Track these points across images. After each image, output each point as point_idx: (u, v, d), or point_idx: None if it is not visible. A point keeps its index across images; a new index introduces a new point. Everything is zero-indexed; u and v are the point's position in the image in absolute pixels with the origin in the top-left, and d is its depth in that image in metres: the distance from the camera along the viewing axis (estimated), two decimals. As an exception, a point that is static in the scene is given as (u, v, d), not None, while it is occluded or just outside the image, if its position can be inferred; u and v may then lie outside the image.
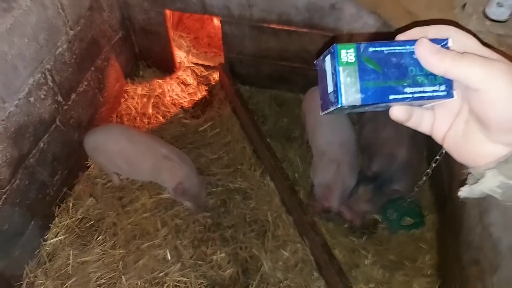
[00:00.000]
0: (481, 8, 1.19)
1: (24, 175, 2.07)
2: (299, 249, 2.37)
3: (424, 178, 1.94)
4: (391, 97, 0.48)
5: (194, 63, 3.43)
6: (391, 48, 0.48)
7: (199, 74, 3.37)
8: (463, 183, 0.49)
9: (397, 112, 0.50)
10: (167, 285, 2.17)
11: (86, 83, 2.55)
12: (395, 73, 0.48)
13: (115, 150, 2.31)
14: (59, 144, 2.33)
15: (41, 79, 2.11)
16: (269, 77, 3.17)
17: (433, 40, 0.47)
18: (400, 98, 0.48)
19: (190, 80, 3.32)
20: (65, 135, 2.38)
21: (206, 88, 3.29)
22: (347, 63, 0.47)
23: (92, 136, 2.36)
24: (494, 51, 0.45)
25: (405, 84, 0.48)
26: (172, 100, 3.17)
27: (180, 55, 3.42)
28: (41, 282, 2.14)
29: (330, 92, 0.49)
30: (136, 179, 2.58)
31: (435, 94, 0.49)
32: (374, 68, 0.48)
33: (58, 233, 2.34)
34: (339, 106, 0.47)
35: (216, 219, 2.50)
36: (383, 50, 0.48)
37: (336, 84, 0.48)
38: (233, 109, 3.07)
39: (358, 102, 0.47)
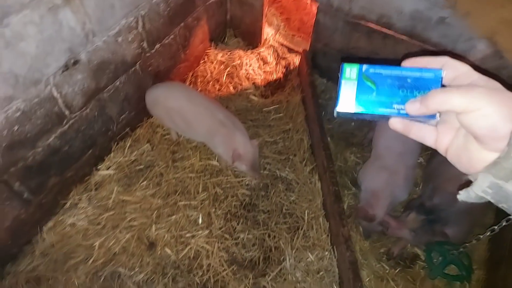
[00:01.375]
0: None
1: (95, 106, 2.22)
2: (326, 257, 2.29)
3: (488, 233, 1.73)
4: (380, 110, 0.58)
5: (279, 43, 3.38)
6: (389, 71, 0.59)
7: (280, 55, 3.33)
8: (462, 187, 0.54)
9: (393, 123, 0.60)
10: (190, 247, 2.24)
11: (172, 36, 2.63)
12: (387, 92, 0.58)
13: (174, 107, 2.37)
14: (133, 86, 2.46)
15: (133, 22, 2.21)
16: (349, 77, 3.02)
17: (428, 69, 0.57)
18: (388, 112, 0.58)
19: (270, 58, 3.29)
20: (141, 80, 2.50)
21: (283, 71, 3.24)
22: (349, 78, 0.60)
23: (155, 90, 2.44)
24: (488, 76, 0.53)
25: (393, 101, 0.58)
26: (247, 74, 3.17)
27: (268, 32, 3.40)
28: (83, 206, 2.32)
29: (335, 100, 0.60)
30: (190, 138, 2.65)
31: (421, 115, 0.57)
32: (371, 86, 0.59)
33: (109, 167, 2.51)
34: (336, 111, 0.60)
35: (254, 200, 2.50)
36: (382, 73, 0.59)
37: (338, 94, 0.60)
38: (303, 99, 2.99)
39: (351, 112, 0.59)
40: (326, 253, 2.31)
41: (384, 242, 2.39)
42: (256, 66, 3.23)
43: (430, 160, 2.51)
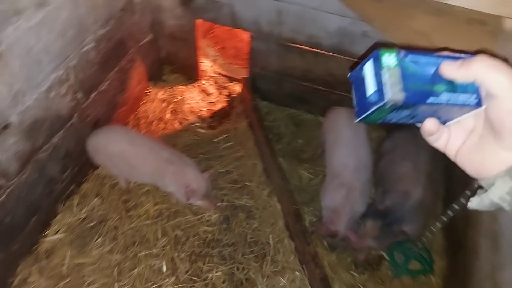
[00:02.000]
0: None
1: (33, 169, 2.08)
2: (297, 278, 2.28)
3: (439, 225, 1.84)
4: (429, 100, 0.52)
5: (218, 73, 3.42)
6: (427, 59, 0.53)
7: (221, 84, 3.37)
8: (473, 194, 0.51)
9: (430, 124, 0.54)
10: (159, 298, 2.13)
11: (108, 82, 2.57)
12: (431, 80, 0.52)
13: (116, 153, 2.31)
14: (73, 140, 2.35)
15: (63, 75, 2.13)
16: (290, 96, 3.13)
17: (465, 55, 0.52)
18: (437, 102, 0.52)
19: (212, 89, 3.31)
20: (80, 132, 2.39)
21: (226, 100, 3.27)
22: (389, 66, 0.51)
23: (94, 138, 2.36)
24: None
25: (441, 90, 0.52)
26: (191, 107, 3.16)
27: (205, 64, 3.43)
28: (34, 280, 2.13)
29: (371, 94, 0.52)
30: (139, 182, 2.57)
31: (467, 102, 0.52)
32: (414, 73, 0.52)
33: (58, 230, 2.34)
34: (385, 101, 0.50)
35: (217, 235, 2.46)
36: (420, 60, 0.52)
37: (379, 83, 0.51)
38: (250, 124, 3.03)
39: (401, 100, 0.50)
40: (297, 273, 2.31)
41: (350, 252, 2.44)
42: (199, 99, 3.23)
43: (377, 165, 2.63)
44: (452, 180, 2.57)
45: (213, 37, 3.73)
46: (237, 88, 3.33)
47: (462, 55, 0.53)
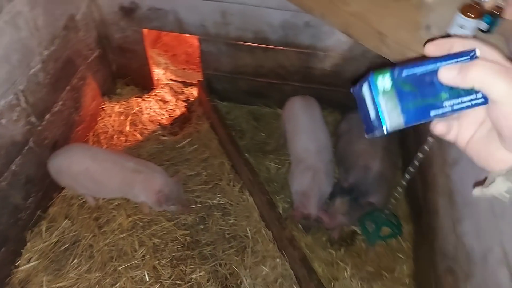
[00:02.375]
0: (445, 29, 1.26)
1: (-5, 199, 2.01)
2: (278, 264, 2.36)
3: (400, 189, 1.99)
4: (432, 113, 0.51)
5: (172, 80, 3.44)
6: (423, 68, 0.51)
7: (177, 91, 3.39)
8: (479, 183, 0.52)
9: (439, 129, 0.54)
10: (145, 307, 2.13)
11: (61, 102, 2.52)
12: (431, 91, 0.51)
13: (80, 171, 2.27)
14: (32, 165, 2.28)
15: (13, 100, 2.08)
16: (246, 93, 3.21)
17: (461, 53, 0.50)
18: (441, 112, 0.51)
19: (168, 97, 3.33)
20: (39, 156, 2.33)
21: (185, 105, 3.30)
22: (385, 90, 0.50)
23: (54, 159, 2.31)
24: None
25: (443, 99, 0.50)
26: (150, 117, 3.16)
27: (158, 73, 3.43)
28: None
29: (373, 119, 0.52)
30: (106, 197, 2.55)
31: (473, 102, 0.50)
32: (411, 90, 0.50)
33: (30, 258, 2.27)
34: (384, 130, 0.50)
35: (195, 236, 2.49)
36: (416, 72, 0.51)
37: (377, 111, 0.50)
38: (211, 125, 3.08)
39: (402, 125, 0.50)
40: (278, 260, 2.39)
41: (324, 231, 2.56)
42: (157, 107, 3.23)
43: (336, 146, 2.78)
44: (407, 151, 2.77)
45: (162, 46, 3.74)
46: (193, 92, 3.36)
47: (463, 52, 0.50)
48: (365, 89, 0.52)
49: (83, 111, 2.80)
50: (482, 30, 1.21)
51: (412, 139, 2.74)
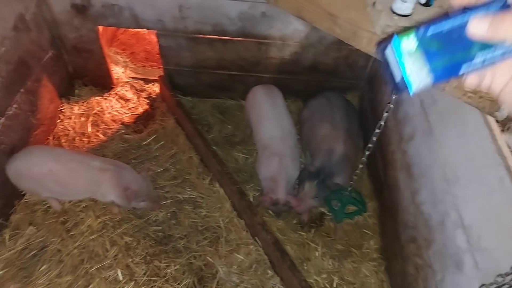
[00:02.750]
0: (389, 5, 1.34)
1: (-50, 209, 1.92)
2: (252, 251, 2.41)
3: (361, 166, 2.09)
4: (462, 70, 0.50)
5: (132, 78, 3.39)
6: (450, 24, 0.49)
7: (138, 88, 3.34)
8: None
9: (471, 80, 0.53)
10: (121, 306, 2.11)
11: (16, 106, 2.42)
12: (460, 47, 0.49)
13: (43, 173, 2.18)
14: (-11, 172, 2.19)
15: (-38, 105, 1.98)
16: (209, 86, 3.22)
17: (491, 2, 0.48)
18: (471, 69, 0.49)
19: (130, 95, 3.28)
20: (-4, 162, 2.24)
21: (147, 102, 3.26)
22: (410, 51, 0.49)
23: (14, 163, 2.21)
24: None
25: (472, 54, 0.49)
26: (112, 116, 3.10)
27: (117, 71, 3.37)
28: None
29: (399, 81, 0.51)
30: (73, 199, 2.48)
31: (506, 55, 0.49)
32: (438, 48, 0.49)
33: (-4, 267, 2.18)
34: (412, 91, 0.50)
35: (167, 231, 2.48)
36: (443, 29, 0.49)
37: (403, 73, 0.50)
38: (177, 121, 3.07)
39: (429, 84, 0.50)
40: (251, 246, 2.44)
41: (294, 215, 2.64)
42: (119, 106, 3.18)
43: (301, 130, 2.86)
44: (367, 131, 2.89)
45: (119, 44, 3.67)
46: (155, 88, 3.33)
47: (493, 1, 0.48)
48: (389, 51, 0.51)
49: (41, 114, 2.71)
50: (421, 4, 1.31)
51: (371, 120, 2.87)
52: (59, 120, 2.96)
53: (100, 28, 2.86)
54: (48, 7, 2.68)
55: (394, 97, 1.69)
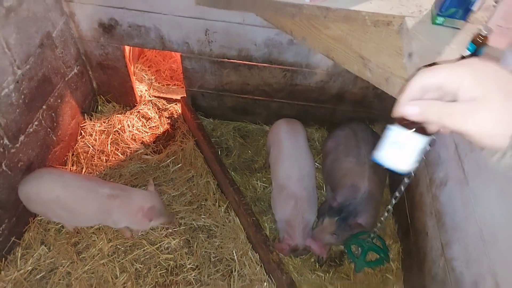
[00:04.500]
0: (427, 58, 1.22)
1: (-37, 229, 1.90)
2: (266, 289, 2.29)
3: (386, 214, 1.94)
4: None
5: (155, 97, 3.36)
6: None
7: (161, 107, 3.31)
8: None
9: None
10: None
11: (36, 123, 2.42)
12: None
13: (50, 199, 2.14)
14: (5, 190, 2.17)
15: (-16, 123, 1.98)
16: (232, 109, 3.16)
17: None
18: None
19: (152, 113, 3.25)
20: (13, 180, 2.22)
21: (168, 122, 3.22)
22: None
23: (23, 186, 2.18)
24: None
25: None
26: (133, 135, 3.07)
27: (141, 89, 3.35)
28: None
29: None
30: (83, 225, 2.43)
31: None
32: None
33: (4, 289, 2.15)
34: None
35: (179, 261, 2.39)
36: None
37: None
38: (196, 143, 3.01)
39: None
40: (265, 284, 2.32)
41: (312, 253, 2.50)
42: (140, 125, 3.15)
43: (323, 164, 2.73)
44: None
45: (145, 61, 3.67)
46: (177, 108, 3.29)
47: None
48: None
49: (61, 130, 2.70)
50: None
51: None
52: (80, 137, 2.96)
53: (126, 46, 2.85)
54: (76, 25, 2.69)
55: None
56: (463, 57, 1.21)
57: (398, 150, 0.66)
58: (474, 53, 1.16)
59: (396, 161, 0.68)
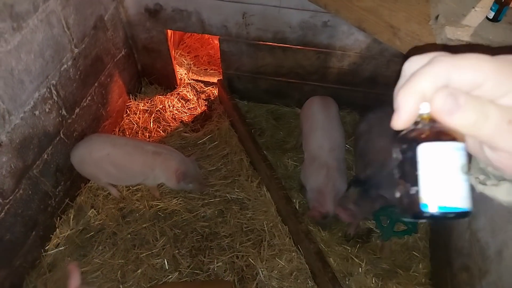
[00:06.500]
0: (453, 18, 1.29)
1: (27, 185, 2.15)
2: (294, 258, 2.41)
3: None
4: None
5: (194, 80, 3.56)
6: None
7: (199, 90, 3.50)
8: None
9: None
10: (165, 293, 2.21)
11: (89, 98, 2.66)
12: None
13: (101, 157, 2.37)
14: (62, 156, 2.43)
15: (46, 93, 2.22)
16: (266, 92, 3.29)
17: None
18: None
19: (190, 95, 3.44)
20: (68, 147, 2.47)
21: (206, 103, 3.41)
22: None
23: (76, 150, 2.42)
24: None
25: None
26: (173, 115, 3.28)
27: (181, 72, 3.56)
28: (42, 291, 2.19)
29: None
30: (128, 184, 2.65)
31: None
32: None
33: (58, 244, 2.41)
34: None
35: (214, 228, 2.56)
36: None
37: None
38: (231, 123, 3.17)
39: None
40: (293, 254, 2.43)
41: (341, 227, 2.59)
42: (179, 106, 3.35)
43: (356, 144, 2.80)
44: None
45: (186, 47, 3.87)
46: (214, 91, 3.47)
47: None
48: None
49: (110, 107, 2.95)
50: (489, 19, 1.24)
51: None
52: (125, 114, 3.20)
53: (169, 31, 3.05)
54: (125, 9, 2.92)
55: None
56: (488, 19, 1.26)
57: (446, 179, 0.40)
58: (497, 14, 1.22)
59: (452, 197, 0.40)
